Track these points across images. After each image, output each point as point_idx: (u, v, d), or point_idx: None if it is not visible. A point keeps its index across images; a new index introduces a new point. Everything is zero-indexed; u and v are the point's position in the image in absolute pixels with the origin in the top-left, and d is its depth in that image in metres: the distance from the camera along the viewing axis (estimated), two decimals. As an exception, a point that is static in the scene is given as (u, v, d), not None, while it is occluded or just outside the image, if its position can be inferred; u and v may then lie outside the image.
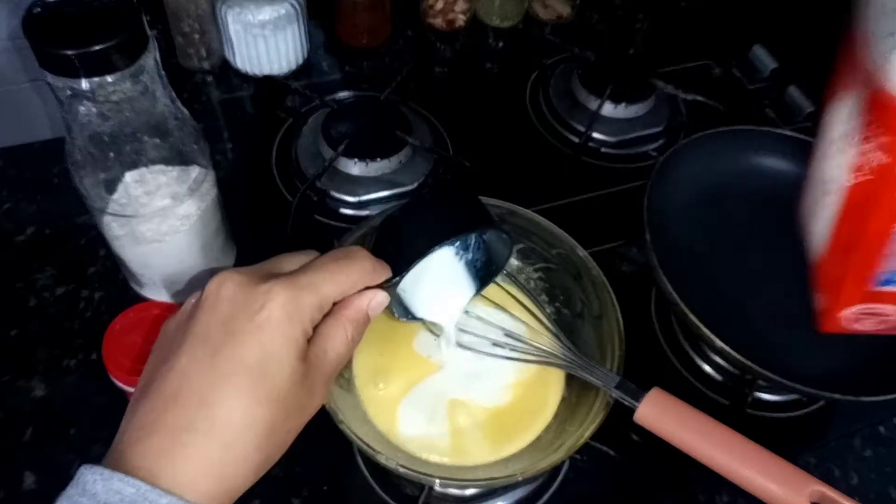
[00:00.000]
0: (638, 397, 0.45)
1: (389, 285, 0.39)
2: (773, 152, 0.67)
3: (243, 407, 0.32)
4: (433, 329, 0.52)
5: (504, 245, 0.48)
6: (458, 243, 0.48)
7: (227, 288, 0.34)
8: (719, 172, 0.65)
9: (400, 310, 0.47)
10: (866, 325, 0.53)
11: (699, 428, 0.44)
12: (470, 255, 0.49)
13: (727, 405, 0.58)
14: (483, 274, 0.50)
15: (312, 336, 0.35)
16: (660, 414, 0.44)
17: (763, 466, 0.42)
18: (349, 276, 0.37)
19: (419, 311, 0.48)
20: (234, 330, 0.33)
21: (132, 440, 0.31)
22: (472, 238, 0.48)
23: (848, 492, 0.56)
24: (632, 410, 0.45)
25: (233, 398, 0.32)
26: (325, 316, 0.36)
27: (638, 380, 0.46)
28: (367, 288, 0.38)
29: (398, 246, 0.40)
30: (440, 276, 0.48)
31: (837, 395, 0.50)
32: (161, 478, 0.30)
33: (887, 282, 0.49)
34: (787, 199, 0.65)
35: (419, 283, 0.47)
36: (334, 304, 0.37)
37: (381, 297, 0.39)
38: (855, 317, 0.52)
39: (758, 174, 0.66)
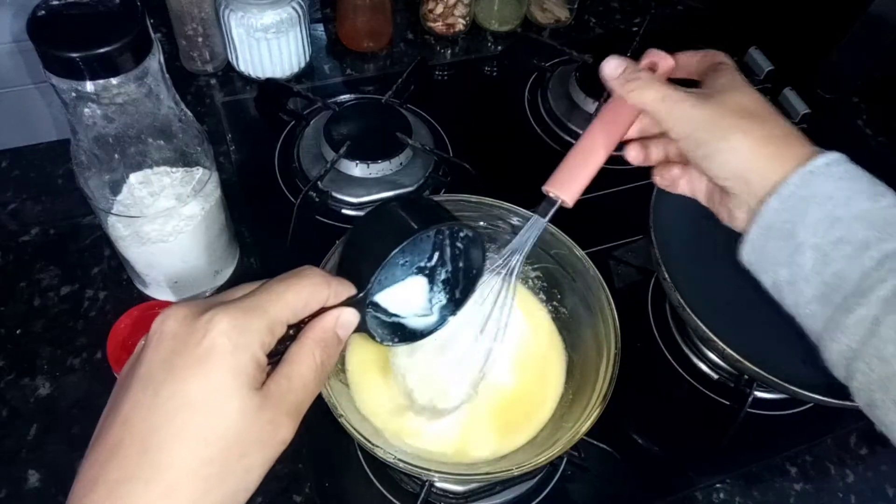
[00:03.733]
0: (551, 202, 0.47)
1: (356, 300, 0.37)
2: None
3: (188, 448, 0.29)
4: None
5: (477, 247, 0.46)
6: (436, 256, 0.46)
7: (169, 324, 0.32)
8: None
9: (383, 334, 0.44)
10: None
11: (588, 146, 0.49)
12: (450, 266, 0.47)
13: (727, 405, 0.59)
14: (465, 283, 0.47)
15: (277, 363, 0.33)
16: (566, 182, 0.48)
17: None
18: (298, 293, 0.34)
19: (406, 322, 0.45)
20: (175, 366, 0.30)
21: (77, 498, 0.29)
22: (447, 249, 0.46)
23: (845, 489, 0.57)
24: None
25: (176, 439, 0.29)
26: (291, 342, 0.34)
27: (634, 376, 0.47)
28: (334, 307, 0.36)
29: (359, 261, 0.39)
30: (418, 292, 0.46)
31: (834, 401, 0.50)
32: None
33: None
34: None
35: (399, 299, 0.45)
36: (300, 326, 0.34)
37: (348, 315, 0.36)
38: None
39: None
